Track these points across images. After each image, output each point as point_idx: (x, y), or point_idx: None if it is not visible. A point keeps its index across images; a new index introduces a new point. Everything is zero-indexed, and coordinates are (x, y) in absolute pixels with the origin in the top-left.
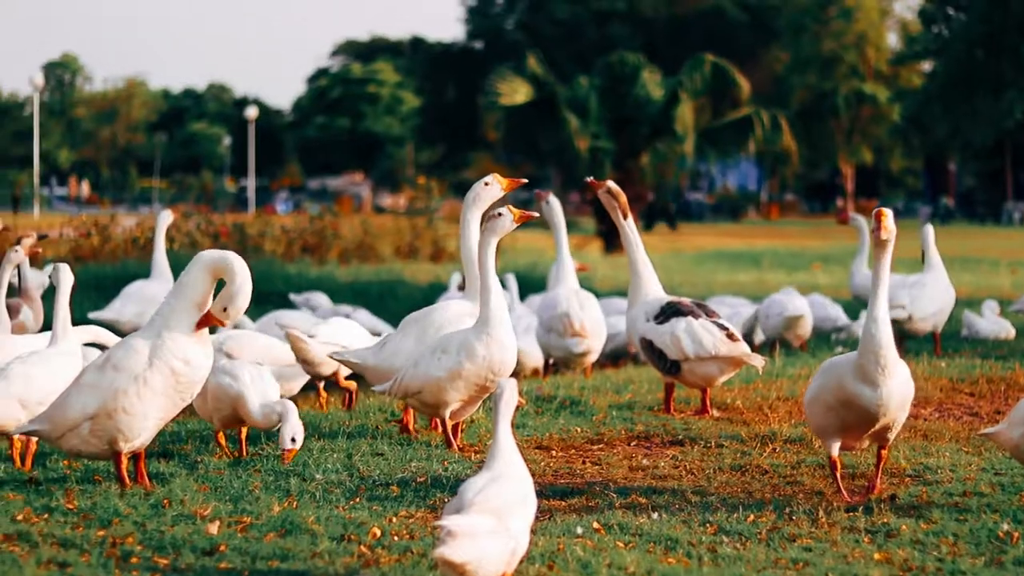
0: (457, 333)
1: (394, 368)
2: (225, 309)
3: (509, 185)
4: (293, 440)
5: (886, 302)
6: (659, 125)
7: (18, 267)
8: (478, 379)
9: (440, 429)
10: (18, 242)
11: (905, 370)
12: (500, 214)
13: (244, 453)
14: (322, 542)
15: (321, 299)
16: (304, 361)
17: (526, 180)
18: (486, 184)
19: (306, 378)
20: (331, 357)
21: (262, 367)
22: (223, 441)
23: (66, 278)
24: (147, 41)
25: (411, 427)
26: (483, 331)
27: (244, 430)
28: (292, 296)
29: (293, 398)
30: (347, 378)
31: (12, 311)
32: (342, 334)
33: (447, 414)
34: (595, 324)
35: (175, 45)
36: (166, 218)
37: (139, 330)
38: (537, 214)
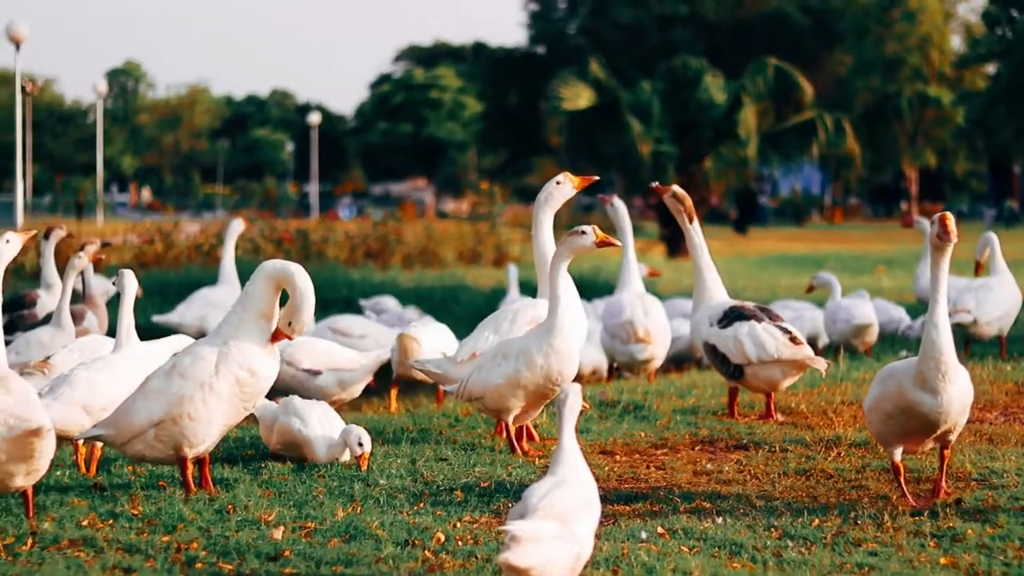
0: (518, 339)
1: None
2: (291, 323)
3: (580, 183)
4: (361, 444)
5: (946, 307)
6: (722, 129)
7: (82, 273)
8: (536, 387)
9: (504, 434)
10: (82, 248)
11: (965, 375)
12: (583, 232)
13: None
14: (386, 547)
15: (389, 303)
16: (408, 360)
17: (597, 177)
18: (558, 183)
19: (365, 383)
20: (414, 367)
21: (327, 408)
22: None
23: (130, 284)
24: (210, 48)
25: (515, 443)
26: (544, 340)
27: None
28: (361, 301)
29: (356, 401)
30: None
31: (77, 317)
32: (444, 337)
33: (510, 419)
34: (659, 330)
35: (238, 52)
36: (237, 227)
37: (206, 337)
38: (619, 243)
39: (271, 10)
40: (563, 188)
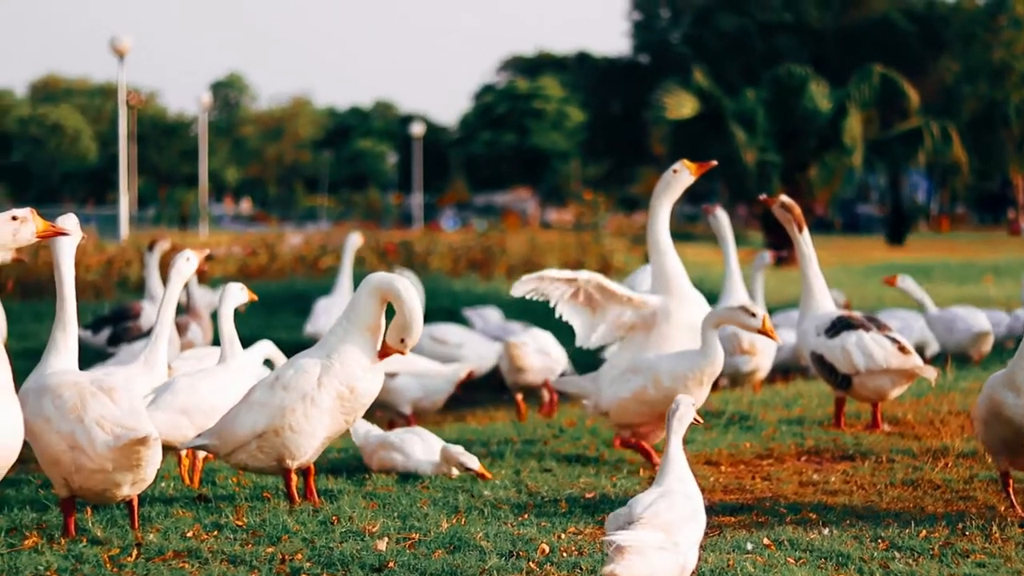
0: (652, 356)
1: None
2: (403, 339)
3: (698, 170)
4: (466, 468)
5: None
6: (827, 137)
7: (186, 285)
8: (663, 406)
9: (618, 443)
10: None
11: None
12: (676, 170)
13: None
14: (491, 558)
15: (493, 314)
16: (518, 369)
17: (715, 162)
18: (675, 171)
19: (447, 392)
20: (553, 386)
21: (424, 433)
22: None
23: (232, 296)
24: (313, 59)
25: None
26: (696, 358)
27: None
28: (465, 310)
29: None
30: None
31: (181, 329)
32: (550, 344)
33: (627, 434)
34: (764, 342)
35: (341, 63)
36: (355, 241)
37: (310, 349)
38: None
39: (374, 21)
40: (681, 176)
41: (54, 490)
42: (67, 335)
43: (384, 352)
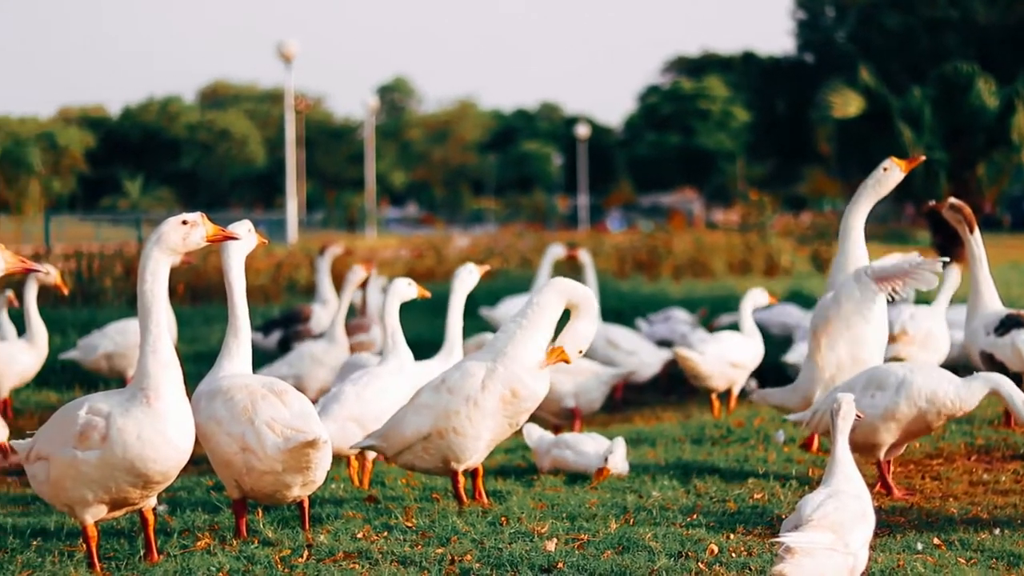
0: (898, 366)
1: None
2: (578, 349)
3: (907, 166)
4: (605, 460)
5: None
6: (994, 135)
7: (362, 288)
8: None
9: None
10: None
11: None
12: (886, 168)
13: None
14: (660, 559)
15: (680, 315)
16: (694, 376)
17: (923, 158)
18: (885, 169)
19: (602, 393)
20: (754, 400)
21: (595, 436)
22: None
23: (399, 291)
24: (478, 62)
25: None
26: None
27: None
28: (651, 317)
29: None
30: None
31: (361, 330)
32: (733, 350)
33: (881, 455)
34: (922, 334)
35: (506, 65)
36: (557, 252)
37: (477, 352)
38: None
39: (538, 24)
40: (891, 174)
41: (226, 492)
42: (239, 340)
43: (553, 356)
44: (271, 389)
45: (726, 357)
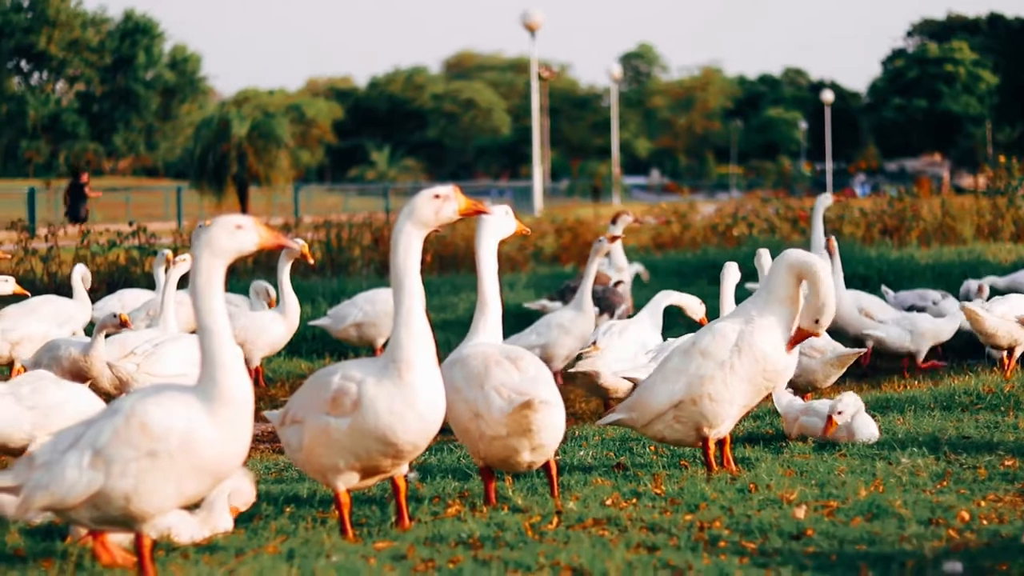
0: None
1: None
2: (816, 320)
3: None
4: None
5: None
6: None
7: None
8: None
9: None
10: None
11: None
12: None
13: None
14: (910, 526)
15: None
16: (980, 331)
17: None
18: None
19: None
20: None
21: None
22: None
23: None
24: (722, 28)
25: None
26: None
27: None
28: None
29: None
30: None
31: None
32: (1019, 307)
33: None
34: None
35: (750, 31)
36: (826, 201)
37: (729, 314)
38: None
39: None
40: None
41: (474, 459)
42: (487, 320)
43: (798, 335)
44: (507, 356)
45: (1013, 314)
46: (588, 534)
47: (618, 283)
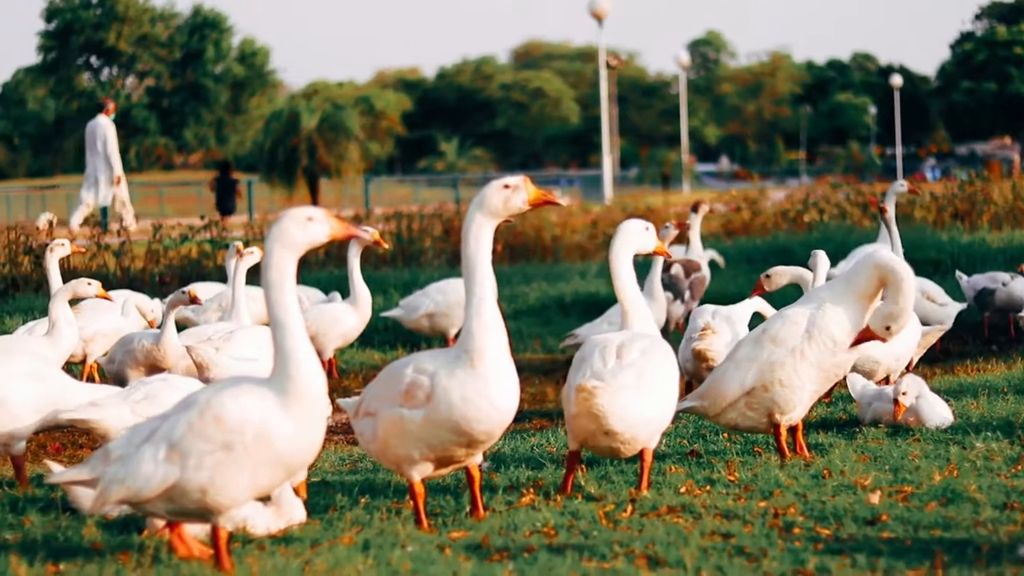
0: None
1: None
2: (888, 328)
3: None
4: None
5: None
6: None
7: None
8: None
9: None
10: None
11: None
12: None
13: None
14: (984, 510)
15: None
16: None
17: None
18: None
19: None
20: None
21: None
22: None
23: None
24: (789, 14)
25: None
26: None
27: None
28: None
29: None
30: None
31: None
32: None
33: None
34: None
35: (818, 17)
36: (899, 188)
37: (799, 301)
38: None
39: None
40: None
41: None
42: (632, 320)
43: (865, 335)
44: (623, 343)
45: None
46: (662, 522)
47: (691, 267)
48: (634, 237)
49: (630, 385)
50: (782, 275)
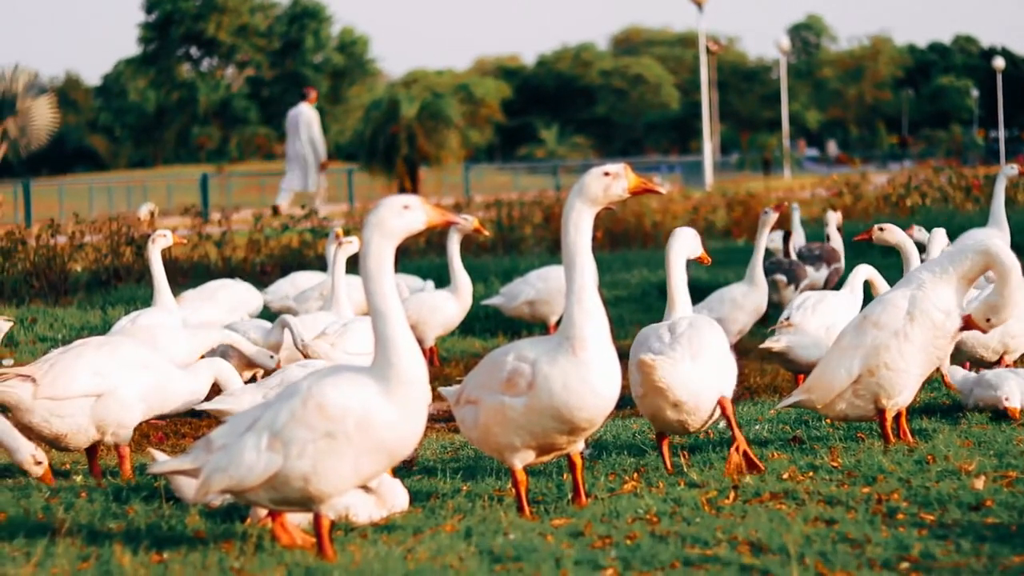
0: None
1: None
2: (989, 319)
3: None
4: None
5: None
6: None
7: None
8: None
9: None
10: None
11: None
12: None
13: None
14: None
15: None
16: None
17: None
18: None
19: None
20: None
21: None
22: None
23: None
24: None
25: None
26: None
27: None
28: None
29: None
30: None
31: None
32: None
33: None
34: None
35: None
36: (1010, 172)
37: (898, 284)
38: None
39: None
40: None
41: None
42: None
43: (964, 323)
44: (671, 326)
45: None
46: (765, 508)
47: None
48: (688, 242)
49: (685, 357)
50: (893, 234)
